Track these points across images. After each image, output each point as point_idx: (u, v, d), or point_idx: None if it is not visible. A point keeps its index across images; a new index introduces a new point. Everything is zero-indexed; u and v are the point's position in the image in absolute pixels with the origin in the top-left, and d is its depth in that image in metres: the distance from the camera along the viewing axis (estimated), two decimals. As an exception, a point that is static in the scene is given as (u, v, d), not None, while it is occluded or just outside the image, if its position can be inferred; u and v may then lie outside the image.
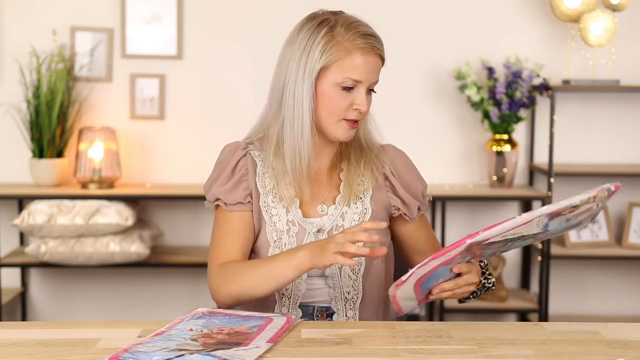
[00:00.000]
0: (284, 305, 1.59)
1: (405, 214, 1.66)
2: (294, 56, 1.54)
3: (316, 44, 1.52)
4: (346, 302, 1.60)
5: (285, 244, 1.59)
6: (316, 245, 1.45)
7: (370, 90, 1.58)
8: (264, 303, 1.60)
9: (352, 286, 1.60)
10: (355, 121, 1.56)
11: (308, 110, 1.54)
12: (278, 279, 1.49)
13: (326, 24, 1.54)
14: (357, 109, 1.54)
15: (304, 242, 1.59)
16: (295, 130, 1.55)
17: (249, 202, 1.61)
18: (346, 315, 1.60)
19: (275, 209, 1.60)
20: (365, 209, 1.63)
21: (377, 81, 1.57)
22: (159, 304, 3.49)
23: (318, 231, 1.60)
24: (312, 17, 1.57)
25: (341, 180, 1.64)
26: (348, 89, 1.54)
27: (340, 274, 1.59)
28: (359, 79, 1.53)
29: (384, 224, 1.41)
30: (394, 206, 1.66)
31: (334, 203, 1.63)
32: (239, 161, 1.63)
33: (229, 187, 1.61)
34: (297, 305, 1.59)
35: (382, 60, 1.58)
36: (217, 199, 1.61)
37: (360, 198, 1.63)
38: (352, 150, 1.65)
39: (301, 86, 1.53)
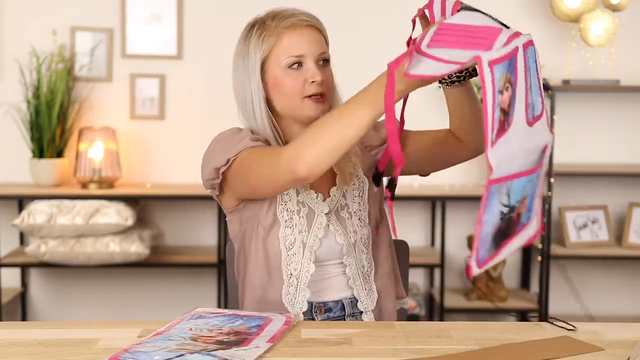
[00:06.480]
0: (291, 285, 1.59)
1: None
2: (238, 64, 1.61)
3: (252, 43, 1.58)
4: (363, 275, 1.63)
5: (296, 224, 1.60)
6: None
7: (325, 62, 1.59)
8: (274, 280, 1.60)
9: (366, 259, 1.64)
10: (320, 95, 1.57)
11: (263, 104, 1.58)
12: (370, 105, 1.37)
13: (256, 21, 1.60)
14: (313, 81, 1.56)
15: (313, 224, 1.60)
16: (259, 128, 1.59)
17: None
18: (365, 288, 1.62)
19: None
20: (359, 179, 1.67)
21: (324, 52, 1.59)
22: (159, 304, 3.49)
23: (327, 213, 1.62)
24: (247, 24, 1.62)
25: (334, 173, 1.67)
26: (296, 67, 1.56)
27: (355, 249, 1.62)
28: (299, 53, 1.56)
29: None
30: (375, 155, 1.69)
31: (336, 184, 1.66)
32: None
33: (251, 139, 1.57)
34: (306, 285, 1.60)
35: (320, 31, 1.59)
36: (243, 149, 1.54)
37: (354, 174, 1.67)
38: None
39: (251, 86, 1.58)
